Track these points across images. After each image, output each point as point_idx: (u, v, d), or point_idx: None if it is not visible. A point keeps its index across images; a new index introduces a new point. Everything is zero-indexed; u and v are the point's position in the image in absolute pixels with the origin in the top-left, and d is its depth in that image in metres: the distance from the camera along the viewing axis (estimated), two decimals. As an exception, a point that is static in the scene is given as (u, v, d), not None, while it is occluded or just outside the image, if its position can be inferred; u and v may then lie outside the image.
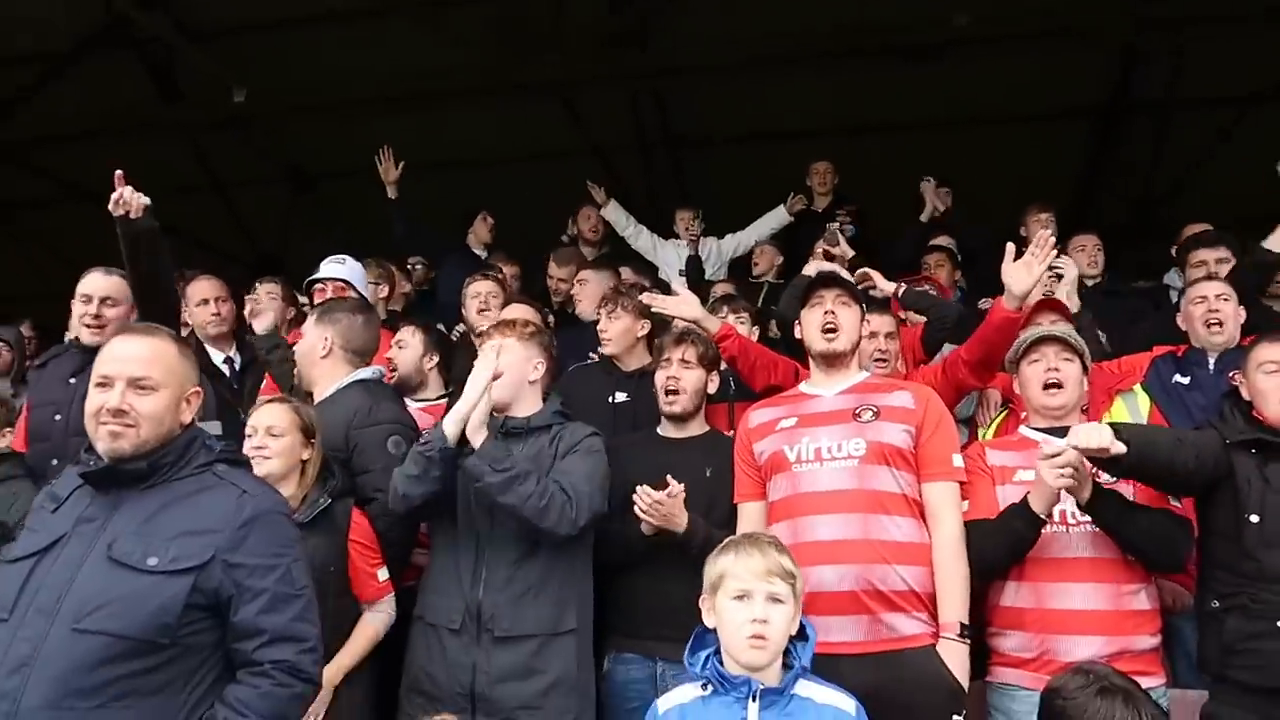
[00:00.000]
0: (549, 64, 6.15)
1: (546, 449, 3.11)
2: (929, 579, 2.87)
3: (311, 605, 2.25)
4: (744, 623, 2.33)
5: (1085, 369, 3.12)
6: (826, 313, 3.15)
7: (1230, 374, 3.14)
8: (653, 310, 3.81)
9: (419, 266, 6.28)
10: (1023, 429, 2.96)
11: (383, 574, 3.17)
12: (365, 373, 3.60)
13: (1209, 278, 3.94)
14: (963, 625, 2.80)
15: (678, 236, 6.66)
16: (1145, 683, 2.64)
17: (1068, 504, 2.87)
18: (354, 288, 4.66)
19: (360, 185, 8.64)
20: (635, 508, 3.05)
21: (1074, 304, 3.76)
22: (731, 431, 3.48)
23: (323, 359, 3.57)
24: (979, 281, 5.45)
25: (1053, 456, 2.67)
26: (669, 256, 6.52)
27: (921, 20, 5.74)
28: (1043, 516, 2.79)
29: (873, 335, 3.84)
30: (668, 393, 3.43)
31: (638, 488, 3.04)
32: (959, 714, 2.73)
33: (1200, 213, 7.13)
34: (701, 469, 3.28)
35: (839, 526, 2.87)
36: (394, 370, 4.10)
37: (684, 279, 6.16)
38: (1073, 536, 2.88)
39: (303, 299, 4.69)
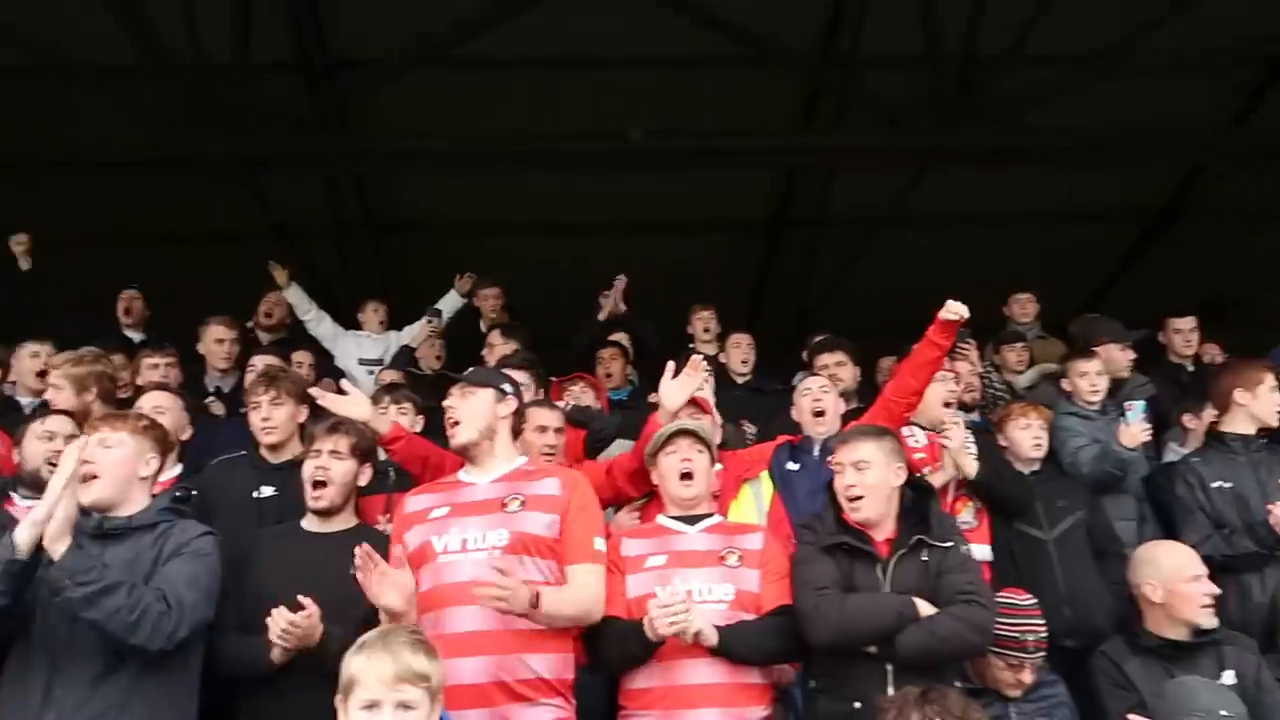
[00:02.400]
0: (232, 141, 5.90)
1: (148, 550, 2.88)
2: (563, 665, 2.96)
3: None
4: None
5: (713, 460, 3.39)
6: (447, 406, 3.20)
7: (829, 460, 3.49)
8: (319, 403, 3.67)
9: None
10: None
11: None
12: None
13: (817, 374, 4.42)
14: None
15: (359, 327, 6.54)
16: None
17: (692, 583, 3.05)
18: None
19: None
20: (269, 632, 2.87)
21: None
22: (385, 520, 3.42)
23: None
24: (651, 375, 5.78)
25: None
26: (348, 346, 6.38)
27: (600, 132, 6.15)
28: (654, 641, 2.95)
29: (541, 430, 3.92)
30: (315, 484, 3.31)
31: (272, 612, 2.86)
32: None
33: (845, 320, 8.21)
34: (347, 566, 3.15)
35: (477, 618, 2.89)
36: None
37: (365, 368, 6.06)
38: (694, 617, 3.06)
39: None
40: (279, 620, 2.83)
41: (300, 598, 2.86)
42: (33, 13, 6.04)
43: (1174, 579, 3.40)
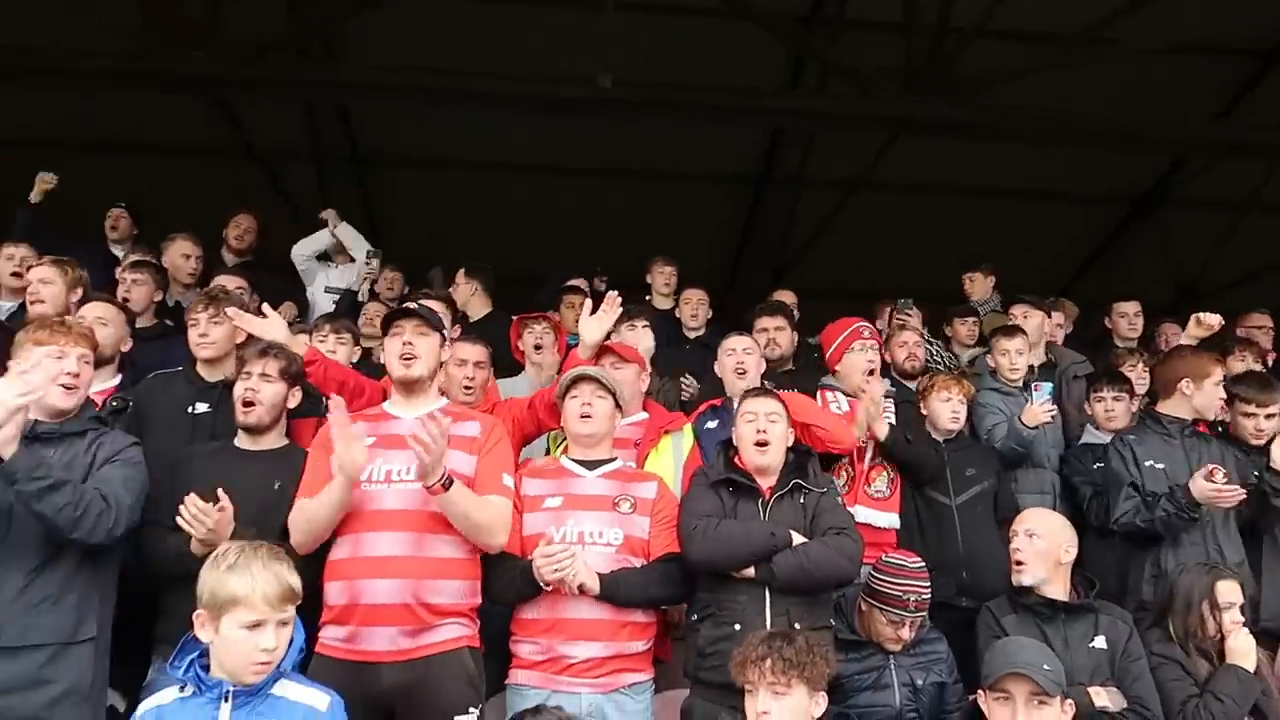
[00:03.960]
0: (203, 60, 5.92)
1: (82, 456, 3.05)
2: (470, 591, 3.17)
3: None
4: (254, 650, 2.36)
5: (617, 405, 3.54)
6: (405, 343, 3.32)
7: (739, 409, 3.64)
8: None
9: None
10: None
11: None
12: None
13: (740, 334, 4.49)
14: None
15: (329, 259, 6.62)
16: (634, 678, 3.20)
17: (584, 525, 3.25)
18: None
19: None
20: (179, 518, 3.03)
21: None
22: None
23: None
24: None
25: None
26: (317, 275, 6.45)
27: (568, 77, 6.19)
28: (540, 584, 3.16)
29: (462, 363, 4.07)
30: (244, 404, 3.46)
31: (186, 498, 3.03)
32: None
33: (817, 282, 8.34)
34: (270, 481, 3.35)
35: (395, 544, 3.08)
36: None
37: (329, 296, 6.17)
38: (587, 555, 3.22)
39: None
40: (190, 506, 3.00)
41: (219, 491, 3.04)
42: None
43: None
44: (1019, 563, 3.52)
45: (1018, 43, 6.81)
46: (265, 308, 3.87)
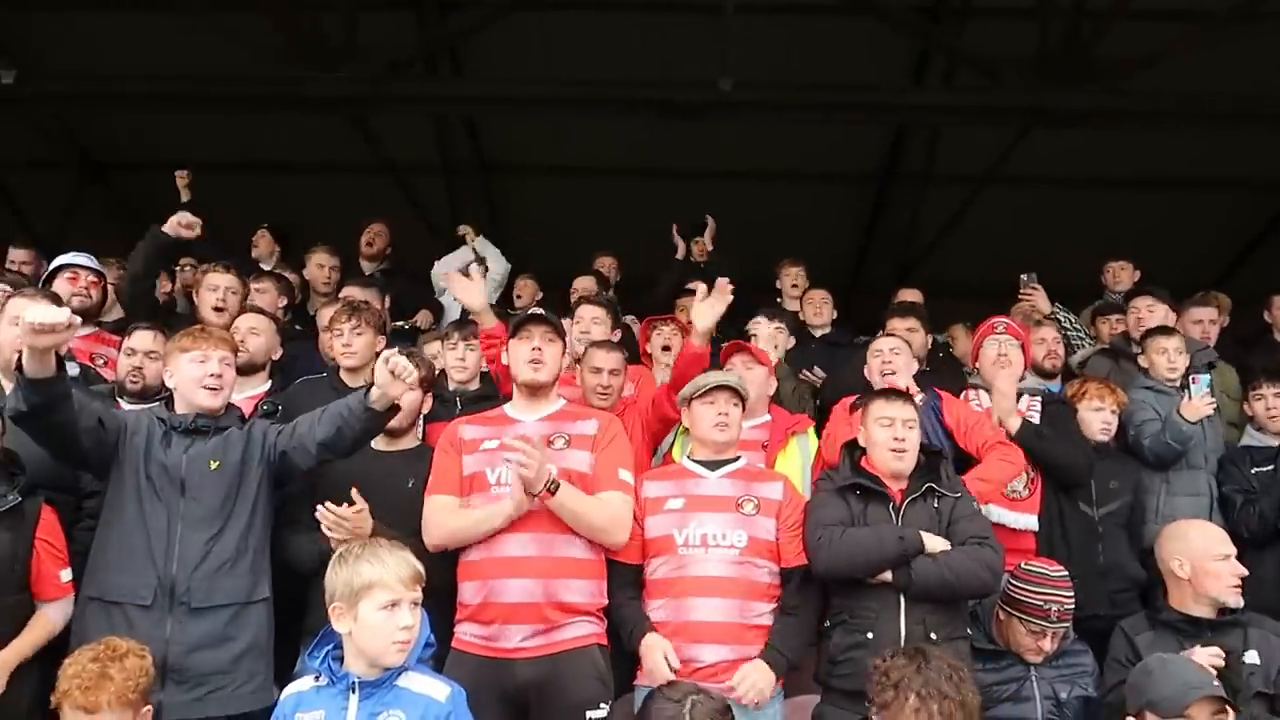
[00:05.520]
0: (341, 80, 6.22)
1: (237, 434, 3.30)
2: (597, 590, 3.24)
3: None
4: (394, 630, 2.50)
5: (744, 411, 3.54)
6: (534, 348, 3.40)
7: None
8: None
9: (187, 269, 6.15)
10: None
11: (66, 574, 3.19)
12: (72, 369, 3.62)
13: (890, 335, 4.45)
14: None
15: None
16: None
17: (708, 528, 3.26)
18: (106, 283, 4.70)
19: (150, 179, 8.55)
20: (322, 527, 3.20)
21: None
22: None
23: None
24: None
25: None
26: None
27: (690, 81, 6.20)
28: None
29: (597, 371, 4.15)
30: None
31: (318, 507, 3.19)
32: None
33: (944, 278, 8.09)
34: (404, 480, 3.49)
35: (526, 545, 3.17)
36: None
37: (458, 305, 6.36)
38: (711, 557, 3.25)
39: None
40: (327, 514, 3.17)
41: (353, 492, 3.20)
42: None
43: (1202, 556, 3.38)
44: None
45: (1159, 22, 6.44)
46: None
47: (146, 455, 3.18)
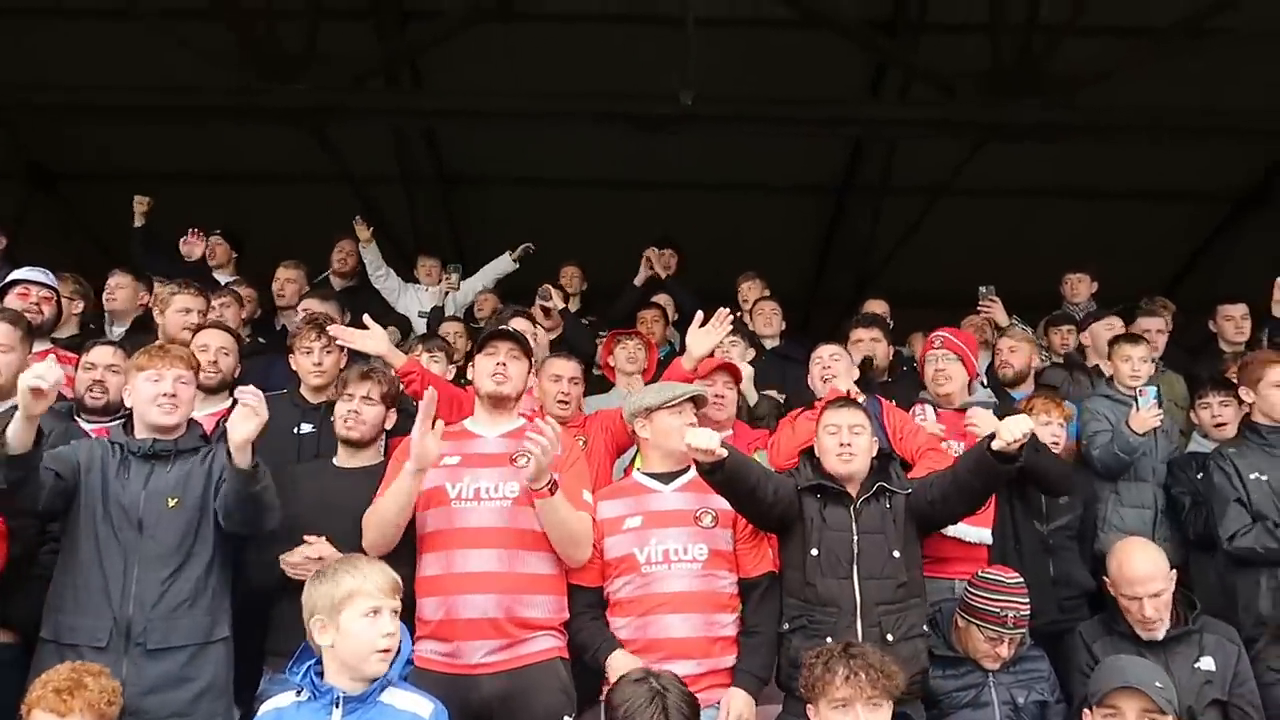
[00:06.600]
0: (300, 91, 6.18)
1: (198, 468, 3.24)
2: (557, 607, 3.27)
3: None
4: (376, 637, 2.51)
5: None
6: (499, 363, 3.42)
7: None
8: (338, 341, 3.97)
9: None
10: None
11: None
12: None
13: (828, 344, 4.47)
14: None
15: (418, 281, 6.82)
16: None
17: (669, 543, 3.29)
18: (59, 298, 4.62)
19: (102, 189, 8.43)
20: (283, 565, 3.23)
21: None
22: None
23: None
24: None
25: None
26: (409, 302, 6.65)
27: (651, 94, 6.25)
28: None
29: (557, 379, 4.16)
30: (346, 423, 3.59)
31: (281, 557, 3.23)
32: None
33: (904, 287, 8.21)
34: (366, 497, 3.45)
35: (487, 560, 3.19)
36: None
37: (423, 320, 6.35)
38: (674, 573, 3.28)
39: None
40: (290, 565, 3.22)
41: (306, 537, 3.23)
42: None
43: (1119, 586, 3.47)
44: (1152, 623, 3.39)
45: (1110, 38, 6.62)
46: (366, 319, 4.02)
47: (104, 493, 3.12)
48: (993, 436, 3.19)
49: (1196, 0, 6.26)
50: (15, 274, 4.39)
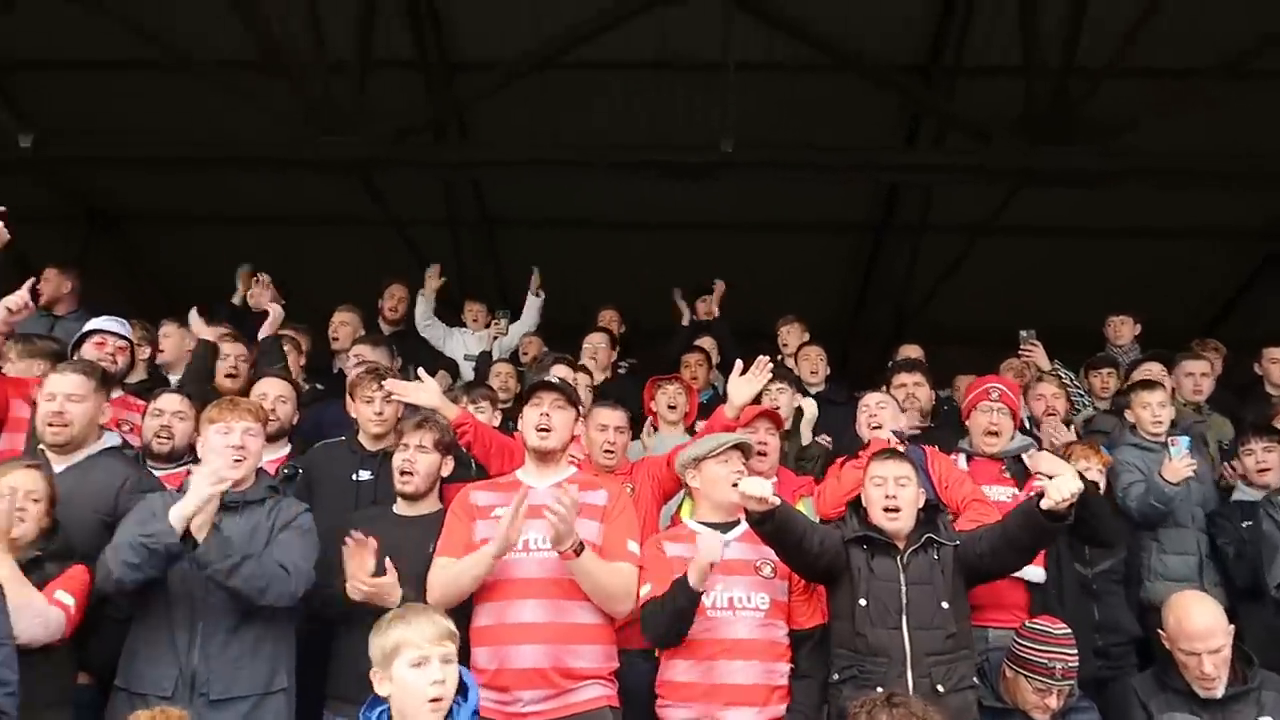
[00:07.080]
0: (350, 143, 6.40)
1: (264, 522, 3.36)
2: (606, 656, 3.35)
3: (12, 654, 2.57)
4: (425, 686, 2.60)
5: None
6: (542, 414, 3.52)
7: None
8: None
9: None
10: None
11: (64, 596, 3.19)
12: (114, 439, 3.73)
13: (875, 391, 4.58)
14: None
15: (464, 324, 6.95)
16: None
17: (734, 591, 3.36)
18: (132, 349, 4.79)
19: (155, 230, 8.74)
20: (349, 586, 3.30)
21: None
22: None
23: (101, 424, 3.73)
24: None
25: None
26: (455, 346, 6.77)
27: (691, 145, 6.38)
28: (697, 589, 3.23)
29: (603, 428, 4.22)
30: (402, 473, 3.71)
31: (351, 579, 3.30)
32: None
33: (944, 324, 8.25)
34: (425, 545, 3.57)
35: (537, 611, 3.29)
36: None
37: (469, 364, 6.48)
38: (739, 619, 3.36)
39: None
40: (359, 586, 3.29)
41: (386, 562, 3.31)
42: (161, 9, 6.59)
43: (1176, 641, 3.45)
44: (1211, 680, 3.36)
45: (1146, 80, 6.64)
46: (421, 372, 4.13)
47: None
48: (1042, 495, 3.21)
49: (1238, 40, 6.25)
50: (92, 323, 4.55)
